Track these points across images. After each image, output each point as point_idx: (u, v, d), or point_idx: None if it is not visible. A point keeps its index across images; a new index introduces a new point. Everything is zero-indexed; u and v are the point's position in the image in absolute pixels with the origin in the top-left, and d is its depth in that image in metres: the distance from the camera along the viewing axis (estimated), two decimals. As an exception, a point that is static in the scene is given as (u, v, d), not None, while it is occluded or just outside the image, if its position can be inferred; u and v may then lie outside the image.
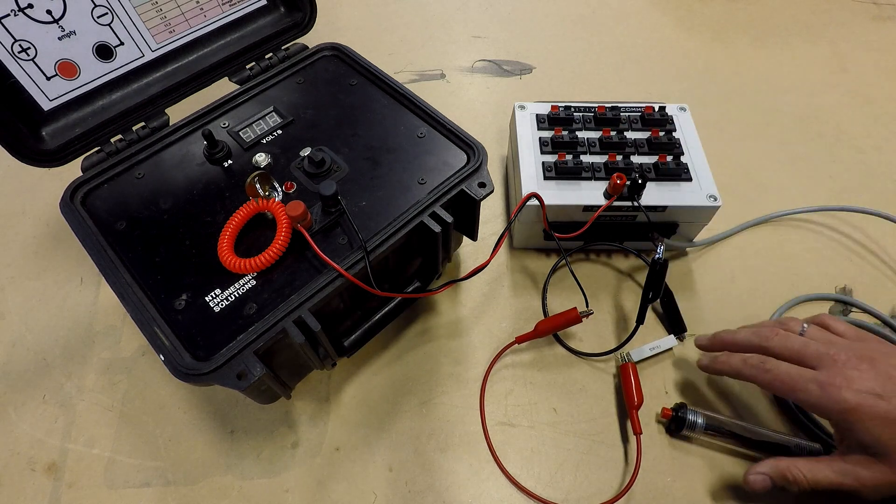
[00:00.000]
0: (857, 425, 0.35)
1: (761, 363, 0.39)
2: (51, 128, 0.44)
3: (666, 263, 0.47)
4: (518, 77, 0.72)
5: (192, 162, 0.44)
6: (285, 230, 0.38)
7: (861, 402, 0.34)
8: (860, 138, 0.66)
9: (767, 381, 0.38)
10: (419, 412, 0.46)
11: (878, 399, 0.34)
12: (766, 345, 0.40)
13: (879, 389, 0.35)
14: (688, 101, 0.57)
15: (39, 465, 0.43)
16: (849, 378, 0.35)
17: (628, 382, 0.45)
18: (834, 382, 0.35)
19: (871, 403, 0.34)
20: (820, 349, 0.38)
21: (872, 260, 0.56)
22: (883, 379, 0.35)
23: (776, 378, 0.38)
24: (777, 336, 0.40)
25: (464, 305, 0.52)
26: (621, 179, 0.47)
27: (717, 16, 0.81)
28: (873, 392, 0.35)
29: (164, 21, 0.46)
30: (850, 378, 0.35)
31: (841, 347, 0.38)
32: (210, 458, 0.44)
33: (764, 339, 0.41)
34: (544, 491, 0.42)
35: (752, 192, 0.60)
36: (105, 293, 0.52)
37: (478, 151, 0.44)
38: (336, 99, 0.48)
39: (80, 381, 0.47)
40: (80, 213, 0.41)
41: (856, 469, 0.35)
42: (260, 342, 0.35)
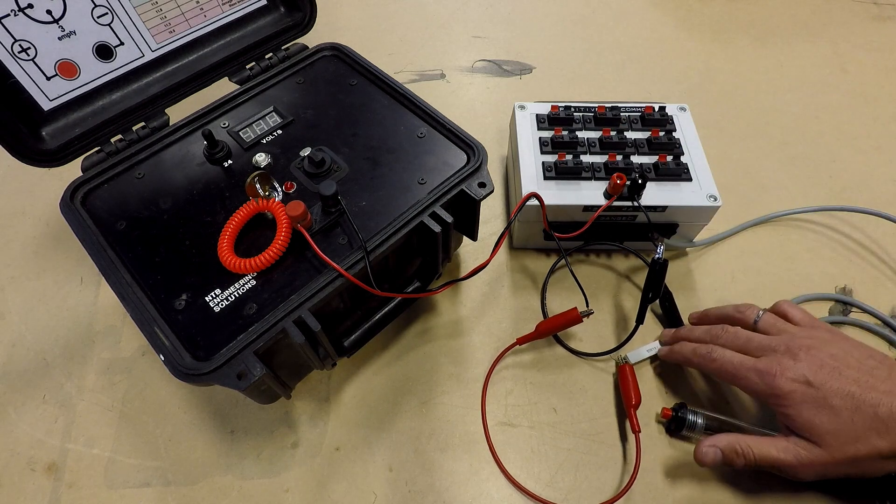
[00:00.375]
0: (789, 410, 0.37)
1: (709, 352, 0.42)
2: (51, 128, 0.44)
3: (666, 263, 0.47)
4: (518, 77, 0.72)
5: (192, 162, 0.44)
6: (285, 230, 0.38)
7: (792, 389, 0.37)
8: (860, 138, 0.66)
9: (713, 368, 0.41)
10: (419, 412, 0.46)
11: (808, 386, 0.37)
12: (716, 343, 0.43)
13: (811, 377, 0.37)
14: (688, 101, 0.57)
15: (39, 465, 0.43)
16: (784, 366, 0.37)
17: (626, 383, 0.45)
18: (770, 371, 0.38)
19: (801, 391, 0.37)
20: (763, 342, 0.40)
21: (872, 260, 0.56)
22: (816, 367, 0.37)
23: (721, 366, 0.40)
24: (725, 334, 0.42)
25: (464, 305, 0.52)
26: (621, 179, 0.47)
27: (717, 16, 0.81)
28: (804, 379, 0.37)
29: (164, 21, 0.46)
30: (784, 366, 0.37)
31: (784, 338, 0.40)
32: (210, 458, 0.44)
33: (714, 337, 0.43)
34: (544, 491, 0.42)
35: (752, 192, 0.60)
36: (105, 293, 0.52)
37: (478, 151, 0.44)
38: (336, 99, 0.49)
39: (80, 381, 0.47)
40: (80, 213, 0.41)
41: (795, 448, 0.37)
42: (260, 342, 0.35)
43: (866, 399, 0.35)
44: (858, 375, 0.36)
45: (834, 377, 0.36)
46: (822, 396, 0.36)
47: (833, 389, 0.36)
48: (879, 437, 0.34)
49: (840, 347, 0.38)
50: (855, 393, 0.36)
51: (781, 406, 0.37)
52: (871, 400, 0.35)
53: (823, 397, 0.36)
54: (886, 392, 0.35)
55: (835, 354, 0.38)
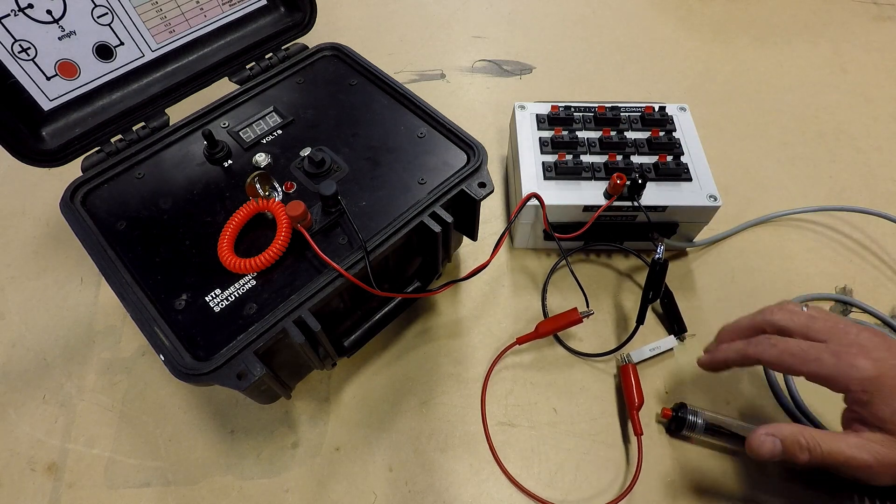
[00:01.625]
0: (876, 396, 0.31)
1: (766, 339, 0.36)
2: (51, 128, 0.44)
3: (666, 263, 0.47)
4: (518, 77, 0.72)
5: (192, 162, 0.44)
6: (285, 230, 0.38)
7: (882, 370, 0.31)
8: (860, 138, 0.66)
9: (775, 355, 0.35)
10: (419, 412, 0.46)
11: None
12: (770, 318, 0.37)
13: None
14: (688, 101, 0.57)
15: (39, 465, 0.43)
16: (864, 347, 0.32)
17: (629, 383, 0.45)
18: (850, 350, 0.33)
19: (892, 374, 0.31)
20: (828, 322, 0.35)
21: (872, 260, 0.56)
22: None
23: (784, 351, 0.35)
24: (781, 311, 0.37)
25: (464, 305, 0.52)
26: (621, 179, 0.47)
27: (718, 16, 0.81)
28: (892, 363, 0.32)
29: (164, 21, 0.46)
30: (865, 347, 0.32)
31: (847, 323, 0.35)
32: (210, 458, 0.44)
33: (768, 313, 0.38)
34: (544, 491, 0.42)
35: (752, 192, 0.60)
36: (105, 293, 0.52)
37: (478, 151, 0.44)
38: (336, 99, 0.48)
39: (80, 381, 0.47)
40: (80, 213, 0.41)
41: (872, 445, 0.32)
42: (260, 342, 0.35)
43: None
44: None
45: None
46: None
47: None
48: None
49: None
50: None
51: (863, 391, 0.32)
52: None
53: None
54: None
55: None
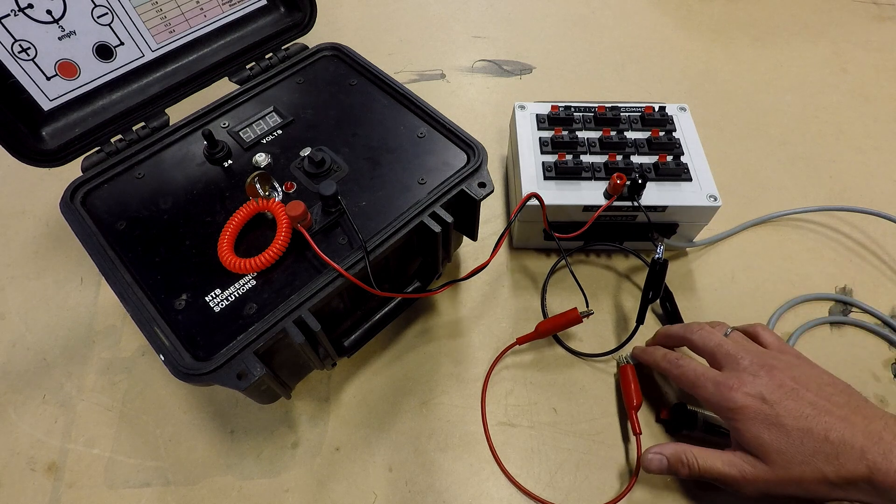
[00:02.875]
0: (739, 425, 0.37)
1: (676, 359, 0.42)
2: (51, 128, 0.44)
3: (666, 263, 0.47)
4: (518, 77, 0.72)
5: (192, 162, 0.44)
6: (285, 230, 0.38)
7: (747, 404, 0.37)
8: (860, 138, 0.66)
9: (676, 375, 0.41)
10: (419, 412, 0.46)
11: (763, 403, 0.36)
12: (689, 336, 0.43)
13: (767, 395, 0.37)
14: (688, 101, 0.57)
15: (39, 465, 0.43)
16: (743, 381, 0.38)
17: (627, 384, 0.45)
18: (728, 383, 0.38)
19: (756, 406, 0.36)
20: (731, 351, 0.40)
21: (872, 260, 0.56)
22: (774, 386, 0.37)
23: (682, 374, 0.41)
24: (701, 330, 0.43)
25: (464, 305, 0.52)
26: (621, 179, 0.47)
27: (718, 16, 0.81)
28: (760, 396, 0.37)
29: (164, 21, 0.46)
30: (743, 381, 0.38)
31: (749, 353, 0.40)
32: (210, 458, 0.44)
33: (689, 331, 0.43)
34: (544, 491, 0.42)
35: (752, 192, 0.60)
36: (105, 293, 0.52)
37: (478, 151, 0.44)
38: (336, 99, 0.49)
39: (80, 381, 0.47)
40: (80, 213, 0.41)
41: (741, 463, 0.37)
42: (260, 342, 0.35)
43: (819, 422, 0.35)
44: (816, 399, 0.36)
45: (790, 397, 0.36)
46: (776, 414, 0.36)
47: (787, 409, 0.36)
48: (827, 461, 0.34)
49: (803, 371, 0.38)
50: (809, 415, 0.35)
51: (733, 419, 0.37)
52: (824, 424, 0.35)
53: (776, 415, 0.36)
54: (841, 418, 0.35)
55: (796, 377, 0.38)
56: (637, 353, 0.47)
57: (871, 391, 0.47)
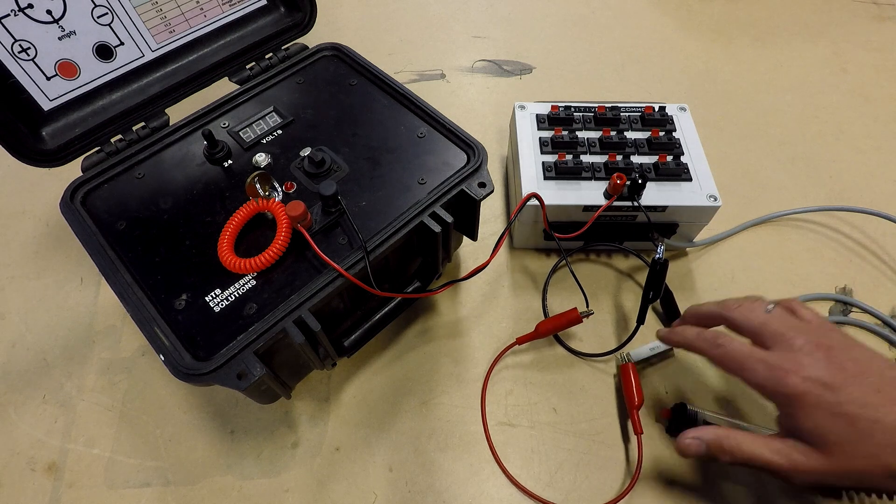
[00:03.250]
0: (799, 412, 0.33)
1: (714, 337, 0.38)
2: (51, 128, 0.44)
3: (666, 263, 0.47)
4: (518, 77, 0.72)
5: (192, 162, 0.44)
6: (285, 230, 0.38)
7: (808, 389, 0.33)
8: (860, 138, 0.66)
9: (717, 356, 0.37)
10: (419, 412, 0.46)
11: (826, 389, 0.33)
12: (729, 314, 0.39)
13: (829, 379, 0.33)
14: (688, 101, 0.57)
15: (39, 465, 0.43)
16: (799, 363, 0.34)
17: (628, 383, 0.45)
18: (783, 366, 0.34)
19: (817, 392, 0.33)
20: (780, 329, 0.36)
21: (872, 260, 0.56)
22: (835, 369, 0.33)
23: (726, 354, 0.37)
24: (741, 307, 0.39)
25: (464, 305, 0.52)
26: (621, 179, 0.47)
27: (718, 16, 0.81)
28: (822, 381, 0.33)
29: (164, 21, 0.46)
30: (800, 364, 0.34)
31: (801, 331, 0.36)
32: (210, 458, 0.44)
33: (727, 308, 0.39)
34: (544, 491, 0.42)
35: (752, 192, 0.60)
36: (105, 293, 0.52)
37: (478, 151, 0.44)
38: (336, 99, 0.48)
39: (80, 381, 0.47)
40: (80, 213, 0.41)
41: (791, 452, 0.34)
42: (260, 342, 0.35)
43: (889, 412, 0.31)
44: (882, 385, 0.32)
45: (854, 383, 0.33)
46: (839, 402, 0.32)
47: (852, 396, 0.32)
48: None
49: (861, 353, 0.35)
50: (876, 403, 0.32)
51: (789, 406, 0.34)
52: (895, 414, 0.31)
53: (839, 402, 0.32)
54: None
55: (857, 359, 0.34)
56: (664, 335, 0.42)
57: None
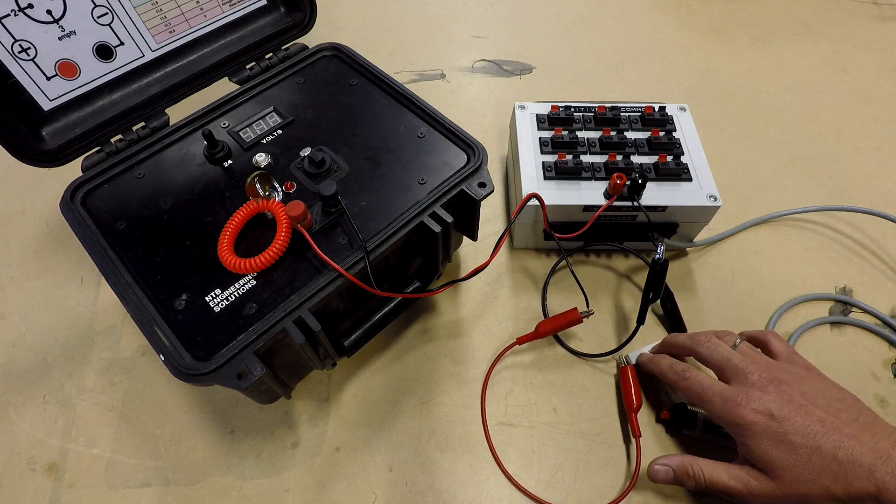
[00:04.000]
0: (748, 441, 0.37)
1: (683, 371, 0.42)
2: (51, 128, 0.44)
3: (666, 263, 0.47)
4: (518, 77, 0.72)
5: (192, 162, 0.44)
6: (285, 230, 0.38)
7: (754, 420, 0.36)
8: (860, 138, 0.66)
9: (682, 387, 0.41)
10: (419, 412, 0.46)
11: (771, 419, 0.36)
12: (697, 349, 0.43)
13: (776, 411, 0.36)
14: (688, 101, 0.57)
15: (39, 465, 0.43)
16: (750, 397, 0.37)
17: (627, 385, 0.45)
18: (735, 399, 0.38)
19: (763, 423, 0.36)
20: (738, 364, 0.40)
21: (872, 260, 0.56)
22: (782, 402, 0.37)
23: (689, 387, 0.41)
24: (709, 342, 0.42)
25: (464, 305, 0.52)
26: (621, 179, 0.47)
27: (718, 16, 0.81)
28: (768, 413, 0.36)
29: (164, 21, 0.46)
30: (751, 397, 0.37)
31: (758, 367, 0.39)
32: (210, 458, 0.44)
33: (696, 343, 0.43)
34: (544, 491, 0.42)
35: (752, 192, 0.60)
36: (105, 293, 0.52)
37: (478, 151, 0.44)
38: (336, 99, 0.48)
39: (80, 381, 0.47)
40: (80, 213, 0.41)
41: (747, 477, 0.37)
42: (260, 342, 0.35)
43: (828, 440, 0.35)
44: (825, 415, 0.36)
45: (799, 414, 0.36)
46: (784, 431, 0.36)
47: (796, 426, 0.36)
48: (835, 480, 0.34)
49: (812, 386, 0.38)
50: (818, 432, 0.35)
51: (740, 435, 0.37)
52: (833, 442, 0.35)
53: (785, 432, 0.36)
54: (849, 436, 0.35)
55: (805, 392, 0.37)
56: (644, 362, 0.46)
57: (871, 391, 0.47)
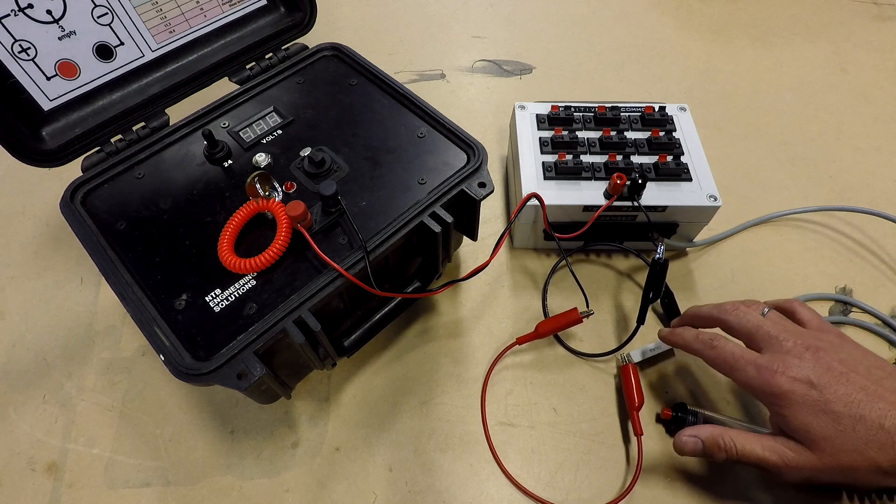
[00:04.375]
0: (785, 411, 0.35)
1: (710, 339, 0.40)
2: (51, 128, 0.44)
3: (666, 263, 0.47)
4: (518, 77, 0.72)
5: (192, 162, 0.44)
6: (285, 230, 0.38)
7: (792, 389, 0.35)
8: (860, 138, 0.66)
9: (712, 357, 0.39)
10: (419, 412, 0.46)
11: (811, 388, 0.35)
12: (724, 317, 0.41)
13: (815, 379, 0.35)
14: (688, 101, 0.57)
15: (39, 465, 0.43)
16: (787, 364, 0.36)
17: (629, 383, 0.45)
18: (771, 367, 0.36)
19: (802, 391, 0.35)
20: (771, 332, 0.38)
21: (872, 260, 0.56)
22: (822, 370, 0.35)
23: (719, 356, 0.38)
24: (736, 311, 0.40)
25: (464, 305, 0.52)
26: (621, 179, 0.47)
27: (718, 16, 0.81)
28: (807, 381, 0.35)
29: (164, 21, 0.46)
30: (788, 364, 0.36)
31: (792, 334, 0.37)
32: (210, 458, 0.44)
33: (723, 311, 0.41)
34: (544, 491, 0.42)
35: (752, 192, 0.60)
36: (105, 293, 0.52)
37: (478, 151, 0.44)
38: (336, 99, 0.48)
39: (80, 381, 0.47)
40: (80, 213, 0.41)
41: (783, 449, 0.35)
42: (260, 342, 0.35)
43: (873, 409, 0.33)
44: (867, 383, 0.34)
45: (840, 382, 0.34)
46: (825, 400, 0.34)
47: (837, 394, 0.34)
48: (882, 450, 0.32)
49: (849, 353, 0.36)
50: (861, 400, 0.33)
51: (777, 405, 0.35)
52: (878, 410, 0.33)
53: (826, 401, 0.34)
54: (894, 404, 0.33)
55: (844, 359, 0.35)
56: (665, 335, 0.44)
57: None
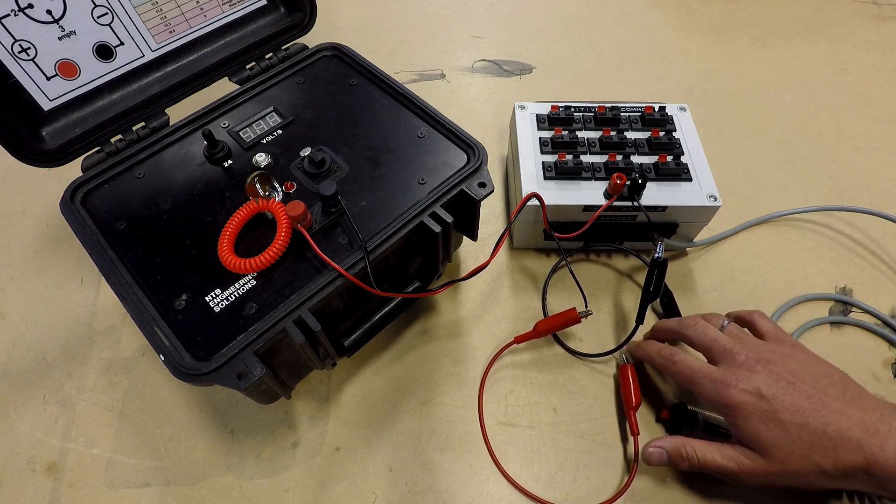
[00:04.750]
0: (739, 421, 0.37)
1: (671, 355, 0.42)
2: (51, 128, 0.44)
3: (665, 263, 0.47)
4: (518, 77, 0.72)
5: (192, 162, 0.44)
6: (285, 230, 0.38)
7: (744, 401, 0.37)
8: (860, 138, 0.66)
9: (672, 371, 0.42)
10: (419, 412, 0.46)
11: (760, 399, 0.37)
12: (685, 332, 0.43)
13: (764, 390, 0.37)
14: (688, 101, 0.57)
15: (39, 465, 0.43)
16: (738, 377, 0.38)
17: (626, 384, 0.45)
18: (725, 380, 0.38)
19: (753, 403, 0.37)
20: (727, 346, 0.40)
21: (872, 260, 0.56)
22: (770, 381, 0.37)
23: (679, 370, 0.41)
24: (696, 325, 0.43)
25: (464, 305, 0.52)
26: (621, 179, 0.47)
27: (718, 16, 0.81)
28: (757, 392, 0.37)
29: (164, 21, 0.46)
30: (739, 377, 0.38)
31: (746, 347, 0.40)
32: (210, 458, 0.44)
33: (684, 326, 0.43)
34: (544, 491, 0.42)
35: (752, 192, 0.60)
36: (105, 293, 0.52)
37: (478, 151, 0.44)
38: (336, 99, 0.48)
39: (80, 381, 0.47)
40: (80, 213, 0.41)
41: (739, 457, 0.38)
42: (260, 342, 0.35)
43: (816, 416, 0.35)
44: (812, 392, 0.37)
45: (787, 392, 0.37)
46: (773, 410, 0.36)
47: (785, 404, 0.36)
48: (825, 455, 0.35)
49: (799, 363, 0.39)
50: (806, 409, 0.36)
51: (731, 416, 0.38)
52: (821, 418, 0.35)
53: (774, 410, 0.36)
54: (837, 411, 0.35)
55: (793, 370, 0.38)
56: (632, 349, 0.47)
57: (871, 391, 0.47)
